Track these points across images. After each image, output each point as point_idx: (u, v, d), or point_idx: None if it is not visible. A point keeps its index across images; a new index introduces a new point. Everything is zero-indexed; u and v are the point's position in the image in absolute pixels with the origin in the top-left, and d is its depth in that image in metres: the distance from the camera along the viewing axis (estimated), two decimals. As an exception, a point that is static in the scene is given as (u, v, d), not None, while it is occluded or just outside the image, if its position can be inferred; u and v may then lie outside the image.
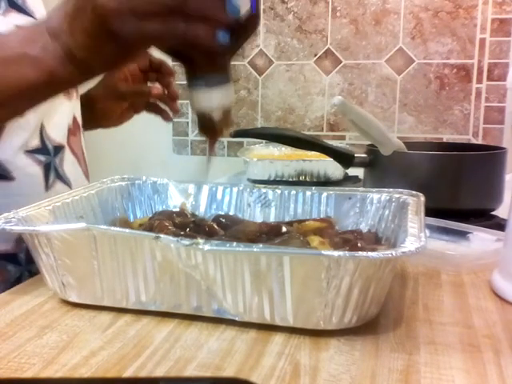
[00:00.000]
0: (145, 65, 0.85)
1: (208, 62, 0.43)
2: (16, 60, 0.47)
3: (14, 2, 0.72)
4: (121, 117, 0.89)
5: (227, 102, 0.45)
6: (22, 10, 0.72)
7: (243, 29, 0.43)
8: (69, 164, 0.76)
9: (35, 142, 0.70)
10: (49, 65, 0.46)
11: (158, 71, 0.85)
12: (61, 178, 0.74)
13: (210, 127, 0.46)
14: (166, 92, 0.84)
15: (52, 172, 0.72)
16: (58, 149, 0.74)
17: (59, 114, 0.75)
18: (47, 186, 0.71)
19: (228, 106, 0.46)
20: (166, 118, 0.87)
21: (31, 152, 0.69)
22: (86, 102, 0.84)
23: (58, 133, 0.74)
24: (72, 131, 0.78)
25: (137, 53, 0.47)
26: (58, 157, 0.74)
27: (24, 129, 0.68)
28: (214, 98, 0.44)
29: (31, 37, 0.47)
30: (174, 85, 0.87)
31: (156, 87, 0.85)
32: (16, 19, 0.71)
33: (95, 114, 0.86)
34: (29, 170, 0.69)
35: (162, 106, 0.86)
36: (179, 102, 0.87)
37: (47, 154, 0.72)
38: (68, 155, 0.76)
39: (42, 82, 0.47)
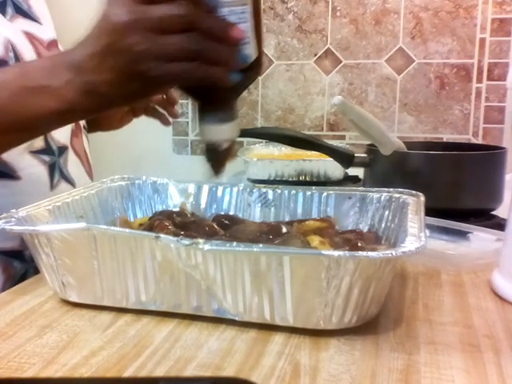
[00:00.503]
0: None
1: (221, 101, 0.49)
2: (39, 90, 0.49)
3: (21, 8, 0.73)
4: (120, 121, 0.90)
5: (234, 135, 0.50)
6: (27, 15, 0.74)
7: (250, 72, 0.48)
8: (72, 164, 0.78)
9: (40, 143, 0.72)
10: (70, 97, 0.48)
11: None
12: (65, 177, 0.76)
13: (216, 157, 0.51)
14: (165, 97, 0.85)
15: (57, 172, 0.74)
16: (62, 149, 0.76)
17: None
18: (52, 186, 0.73)
19: (234, 139, 0.51)
20: (164, 122, 0.88)
21: (36, 152, 0.71)
22: None
23: (61, 134, 0.76)
24: (74, 132, 0.80)
25: (159, 90, 0.51)
26: (62, 157, 0.75)
27: None
28: (223, 132, 0.49)
29: (55, 69, 0.49)
30: (172, 90, 0.88)
31: None
32: (22, 25, 0.72)
33: (96, 118, 0.87)
34: (34, 169, 0.71)
35: (161, 110, 0.87)
36: (179, 101, 0.87)
37: (52, 154, 0.73)
38: (71, 156, 0.78)
39: (61, 113, 0.50)
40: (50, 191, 0.72)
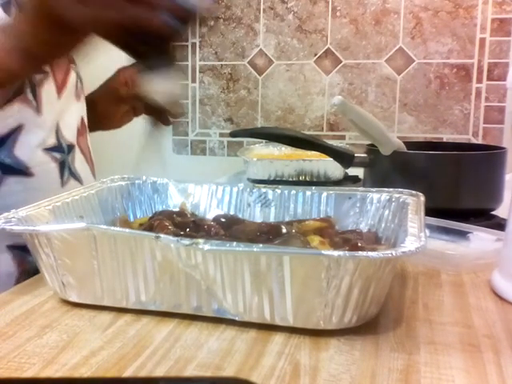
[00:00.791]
0: None
1: (154, 48, 0.44)
2: None
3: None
4: (121, 120, 0.90)
5: (172, 86, 0.46)
6: None
7: (187, 18, 0.44)
8: (79, 162, 0.79)
9: (52, 141, 0.73)
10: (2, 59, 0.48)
11: None
12: (73, 175, 0.77)
13: (155, 109, 0.47)
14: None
15: (66, 169, 0.76)
16: (70, 147, 0.77)
17: (70, 114, 0.78)
18: (62, 182, 0.74)
19: (174, 92, 0.46)
20: (165, 121, 0.88)
21: (48, 150, 0.73)
22: (88, 105, 0.86)
23: (69, 132, 0.77)
24: (80, 131, 0.81)
25: (82, 39, 0.47)
26: (70, 155, 0.77)
27: (42, 128, 0.72)
28: (160, 85, 0.45)
29: None
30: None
31: None
32: None
33: (96, 117, 0.88)
34: (46, 166, 0.72)
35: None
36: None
37: (62, 151, 0.75)
38: (78, 154, 0.79)
39: None
40: (61, 188, 0.73)
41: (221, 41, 1.60)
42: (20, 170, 0.69)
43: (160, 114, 0.74)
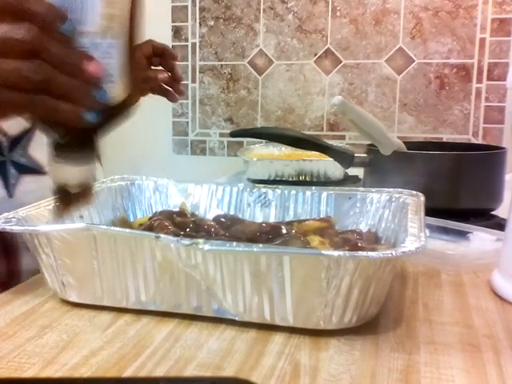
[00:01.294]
0: (148, 51, 0.89)
1: (75, 141, 0.42)
2: None
3: None
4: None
5: (86, 180, 0.44)
6: None
7: (113, 114, 0.42)
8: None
9: None
10: None
11: (161, 56, 0.90)
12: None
13: (64, 197, 0.45)
14: (170, 75, 0.87)
15: None
16: None
17: None
18: None
19: (87, 183, 0.44)
20: (171, 98, 0.89)
21: None
22: None
23: None
24: None
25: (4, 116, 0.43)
26: None
27: None
28: (72, 175, 0.43)
29: None
30: (177, 67, 0.91)
31: (160, 71, 0.90)
32: None
33: None
34: None
35: (167, 87, 0.90)
36: (179, 102, 0.88)
37: None
38: None
39: None
40: None
41: (221, 41, 1.60)
42: (35, 169, 0.70)
43: (167, 92, 0.77)
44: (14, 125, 0.69)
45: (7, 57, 0.37)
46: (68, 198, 0.44)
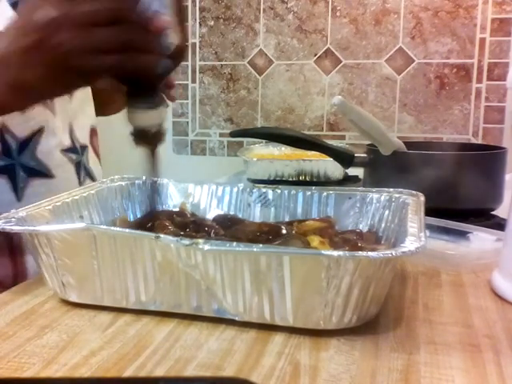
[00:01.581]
0: None
1: (149, 87, 0.50)
2: None
3: None
4: (120, 105, 0.91)
5: (162, 120, 0.52)
6: None
7: (174, 58, 0.50)
8: (92, 162, 0.81)
9: (67, 142, 0.75)
10: None
11: None
12: (89, 175, 0.79)
13: (146, 140, 0.53)
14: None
15: (82, 170, 0.78)
16: (83, 148, 0.79)
17: (84, 115, 0.80)
18: (80, 183, 0.77)
19: (162, 123, 0.53)
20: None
21: (65, 151, 0.74)
22: (92, 90, 0.86)
23: (81, 133, 0.79)
24: (95, 131, 0.83)
25: (91, 82, 0.52)
26: (84, 155, 0.79)
27: (58, 129, 0.73)
28: (152, 118, 0.51)
29: None
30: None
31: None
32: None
33: (95, 104, 0.88)
34: (65, 167, 0.74)
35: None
36: (179, 102, 0.88)
37: (77, 152, 0.77)
38: (91, 154, 0.81)
39: None
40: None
41: (221, 41, 1.60)
42: (43, 172, 0.71)
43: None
44: (22, 128, 0.69)
45: (96, 26, 0.44)
46: (147, 139, 0.52)
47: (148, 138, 0.52)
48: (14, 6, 0.71)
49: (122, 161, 1.65)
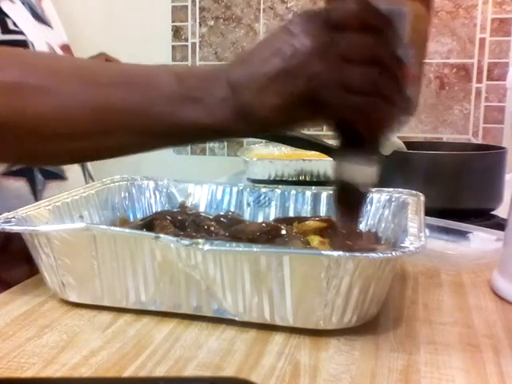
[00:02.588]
0: None
1: (374, 137, 0.45)
2: (192, 102, 0.44)
3: (36, 12, 0.74)
4: None
5: (374, 180, 0.47)
6: (41, 19, 0.74)
7: (405, 114, 0.45)
8: (89, 163, 0.82)
9: None
10: (224, 116, 0.43)
11: None
12: (91, 177, 0.80)
13: (351, 200, 0.46)
14: None
15: (86, 171, 0.78)
16: None
17: None
18: (86, 184, 0.76)
19: (373, 185, 0.47)
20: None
21: None
22: None
23: None
24: None
25: (321, 120, 0.47)
26: None
27: None
28: (367, 174, 0.46)
29: (210, 83, 0.44)
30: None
31: None
32: (39, 30, 0.72)
33: None
34: (75, 169, 0.75)
35: None
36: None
37: None
38: None
39: (210, 130, 0.45)
40: None
41: (221, 41, 1.60)
42: (58, 175, 0.71)
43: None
44: None
45: (352, 63, 0.41)
46: (352, 200, 0.46)
47: (353, 196, 0.46)
48: None
49: (122, 160, 1.65)
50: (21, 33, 0.66)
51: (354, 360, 0.39)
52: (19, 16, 0.68)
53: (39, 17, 0.74)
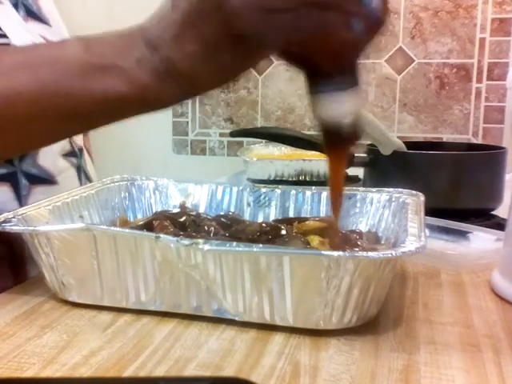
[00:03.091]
0: None
1: (338, 61, 0.37)
2: (106, 69, 0.40)
3: (31, 10, 0.72)
4: None
5: (359, 107, 0.38)
6: (38, 17, 0.73)
7: (373, 23, 0.37)
8: (88, 164, 0.79)
9: (68, 146, 0.73)
10: (143, 79, 0.39)
11: None
12: (88, 178, 0.77)
13: (339, 139, 0.40)
14: None
15: (82, 173, 0.75)
16: (81, 151, 0.77)
17: None
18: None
19: (359, 114, 0.39)
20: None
21: (67, 155, 0.72)
22: None
23: (77, 135, 0.77)
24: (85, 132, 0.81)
25: (256, 60, 0.40)
26: (82, 158, 0.77)
27: None
28: (345, 104, 0.37)
29: (123, 46, 0.40)
30: None
31: None
32: (35, 28, 0.71)
33: None
34: (67, 173, 0.72)
35: None
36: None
37: (76, 156, 0.74)
38: (86, 156, 0.79)
39: (132, 99, 0.40)
40: None
41: (221, 41, 1.60)
42: (45, 179, 0.68)
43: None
44: None
45: None
46: (343, 139, 0.39)
47: (341, 136, 0.38)
48: (14, 6, 0.70)
49: (122, 160, 1.65)
50: (4, 36, 0.64)
51: (354, 360, 0.39)
52: (5, 18, 0.66)
53: (35, 15, 0.73)
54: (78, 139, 0.77)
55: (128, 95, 0.40)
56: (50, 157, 0.69)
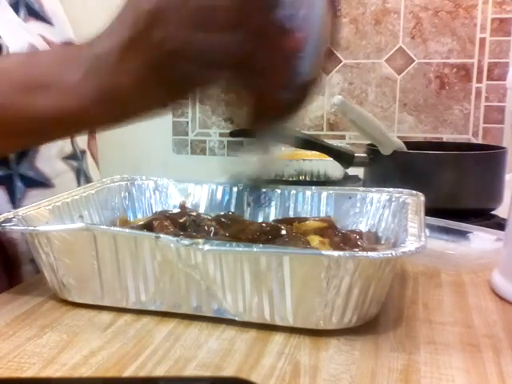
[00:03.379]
0: None
1: (260, 128, 0.39)
2: (43, 87, 0.40)
3: (33, 8, 0.71)
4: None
5: (271, 158, 0.41)
6: (39, 16, 0.72)
7: (300, 93, 0.38)
8: (91, 167, 0.78)
9: (69, 148, 0.72)
10: (78, 101, 0.39)
11: None
12: (88, 181, 0.76)
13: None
14: None
15: (82, 176, 0.74)
16: (82, 153, 0.76)
17: None
18: None
19: (271, 162, 0.42)
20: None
21: (66, 158, 0.71)
22: None
23: (81, 137, 0.76)
24: (92, 134, 0.80)
25: (186, 99, 0.41)
26: (83, 161, 0.76)
27: None
28: (261, 153, 0.40)
29: (68, 64, 0.39)
30: None
31: None
32: (36, 27, 0.70)
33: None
34: (65, 176, 0.71)
35: None
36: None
37: (77, 159, 0.74)
38: (89, 159, 0.79)
39: (65, 118, 0.40)
40: None
41: (221, 41, 1.60)
42: (42, 183, 0.67)
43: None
44: None
45: (209, 29, 0.34)
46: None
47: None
48: (15, 5, 0.70)
49: (122, 160, 1.65)
50: None
51: (354, 360, 0.39)
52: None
53: (37, 14, 0.72)
54: (81, 141, 0.76)
55: (62, 115, 0.40)
56: (48, 159, 0.68)
